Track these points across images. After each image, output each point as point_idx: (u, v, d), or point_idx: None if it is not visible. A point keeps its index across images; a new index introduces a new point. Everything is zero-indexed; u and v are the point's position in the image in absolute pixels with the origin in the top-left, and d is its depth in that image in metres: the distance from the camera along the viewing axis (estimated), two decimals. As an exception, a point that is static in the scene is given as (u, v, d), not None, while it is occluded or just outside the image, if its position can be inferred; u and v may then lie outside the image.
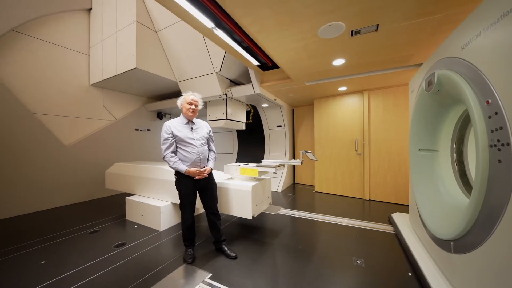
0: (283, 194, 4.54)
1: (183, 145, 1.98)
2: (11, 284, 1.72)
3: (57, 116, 3.93)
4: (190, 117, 2.06)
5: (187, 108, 2.02)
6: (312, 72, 3.03)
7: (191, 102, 2.04)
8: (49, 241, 2.47)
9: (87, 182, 4.27)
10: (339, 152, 4.40)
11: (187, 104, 2.03)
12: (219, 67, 3.62)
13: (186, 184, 1.99)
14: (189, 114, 2.04)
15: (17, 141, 3.45)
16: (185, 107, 2.03)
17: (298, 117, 5.58)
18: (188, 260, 2.00)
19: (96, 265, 1.98)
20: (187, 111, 2.03)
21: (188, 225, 2.04)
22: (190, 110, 2.03)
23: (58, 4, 3.91)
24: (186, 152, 1.98)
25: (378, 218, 3.07)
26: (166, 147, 1.94)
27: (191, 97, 2.06)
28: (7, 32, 3.37)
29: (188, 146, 1.98)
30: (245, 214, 2.25)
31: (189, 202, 2.03)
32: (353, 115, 4.21)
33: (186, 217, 2.04)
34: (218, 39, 2.47)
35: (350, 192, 4.26)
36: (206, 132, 2.16)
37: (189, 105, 2.03)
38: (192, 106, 2.03)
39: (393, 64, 2.73)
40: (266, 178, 2.61)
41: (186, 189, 2.00)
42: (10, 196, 3.35)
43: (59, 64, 3.97)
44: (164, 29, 3.79)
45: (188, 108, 2.02)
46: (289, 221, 3.02)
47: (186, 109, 2.03)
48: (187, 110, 2.03)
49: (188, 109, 2.02)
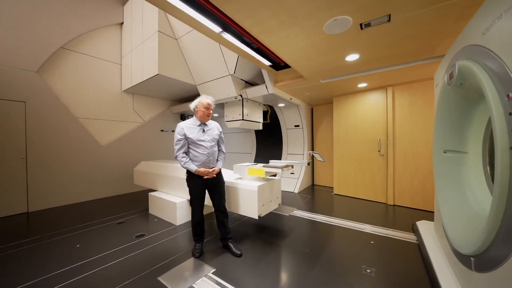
0: (300, 195, 4.44)
1: (194, 146, 2.07)
2: (55, 260, 2.04)
3: (94, 119, 4.47)
4: (205, 120, 2.14)
5: (203, 112, 2.10)
6: (325, 69, 2.92)
7: (208, 106, 2.11)
8: (84, 229, 2.84)
9: (119, 178, 4.77)
10: (360, 152, 4.13)
11: (204, 108, 2.10)
12: (234, 69, 3.71)
13: (196, 182, 2.08)
14: (206, 118, 2.13)
15: (63, 141, 4.03)
16: (201, 111, 2.10)
17: (317, 116, 5.40)
18: (196, 254, 2.11)
19: (117, 252, 2.21)
20: (204, 114, 2.11)
21: (197, 220, 2.15)
22: (207, 113, 2.11)
23: (96, 21, 4.45)
24: (196, 153, 2.07)
25: (402, 226, 2.81)
26: (179, 147, 2.04)
27: (207, 101, 2.11)
28: (57, 50, 3.96)
29: (198, 147, 2.07)
30: (252, 214, 2.28)
31: (198, 199, 2.12)
32: (376, 113, 3.91)
33: (195, 213, 2.15)
34: (228, 42, 2.55)
35: (373, 195, 3.97)
36: (217, 133, 2.23)
37: (206, 109, 2.11)
38: (209, 110, 2.12)
39: (416, 57, 2.47)
40: (275, 179, 2.60)
41: (196, 187, 2.09)
42: (56, 189, 3.93)
43: (97, 74, 4.51)
44: (183, 36, 4.04)
45: (204, 111, 2.10)
46: (301, 223, 2.95)
47: (202, 112, 2.10)
48: (204, 113, 2.10)
49: (204, 112, 2.10)
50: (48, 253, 2.20)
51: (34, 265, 1.98)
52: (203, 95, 2.19)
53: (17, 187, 3.51)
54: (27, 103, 3.61)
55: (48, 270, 1.89)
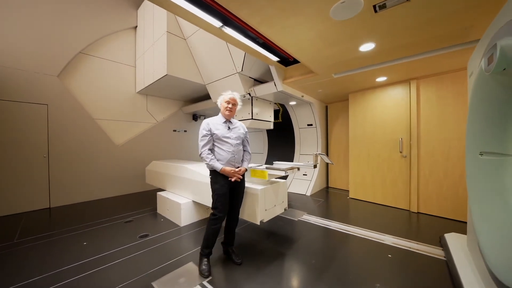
0: (312, 199, 4.19)
1: (219, 143, 1.95)
2: (58, 257, 2.09)
3: (110, 120, 4.66)
4: (227, 116, 2.01)
5: (224, 107, 2.00)
6: (337, 62, 2.66)
7: (228, 101, 2.00)
8: (95, 226, 2.93)
9: (133, 177, 4.92)
10: (378, 153, 3.77)
11: (225, 103, 2.00)
12: (241, 66, 3.60)
13: (222, 183, 1.90)
14: (226, 113, 2.00)
15: (81, 141, 4.24)
16: (223, 106, 2.01)
17: (332, 114, 5.08)
18: (205, 273, 1.79)
19: (119, 252, 2.21)
20: (224, 110, 2.00)
21: (217, 229, 1.90)
22: (227, 109, 1.99)
23: (112, 26, 4.63)
24: (221, 150, 1.94)
25: (427, 238, 2.46)
26: (204, 143, 1.91)
27: (229, 96, 2.02)
28: (76, 55, 4.18)
29: (224, 144, 1.95)
30: (253, 219, 2.14)
31: (225, 203, 1.91)
32: (397, 109, 3.53)
33: (218, 221, 1.89)
34: (231, 38, 2.43)
35: (393, 201, 3.59)
36: (243, 132, 2.11)
37: (227, 103, 1.99)
38: (229, 105, 1.99)
39: (444, 43, 2.13)
40: (280, 181, 2.42)
41: (222, 188, 1.90)
42: (75, 187, 4.14)
43: (112, 76, 4.69)
44: (191, 36, 4.01)
45: (225, 107, 1.99)
46: (310, 229, 2.74)
47: (223, 108, 2.01)
48: (224, 109, 2.00)
49: (225, 108, 1.99)
50: (54, 250, 2.26)
51: (34, 264, 2.04)
52: (229, 90, 2.09)
53: (40, 184, 3.75)
54: (49, 106, 3.85)
55: (46, 269, 1.92)
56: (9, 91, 3.46)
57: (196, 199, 2.90)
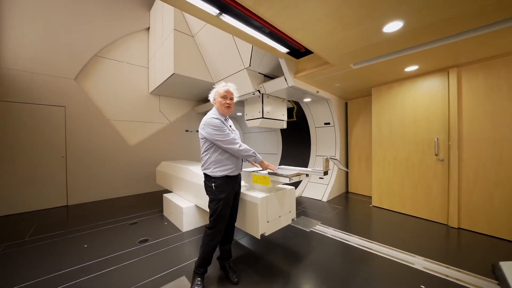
0: (329, 205, 3.78)
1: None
2: (56, 260, 2.05)
3: (124, 121, 4.74)
4: (225, 113, 1.69)
5: (221, 103, 1.65)
6: (356, 49, 2.27)
7: (225, 95, 1.66)
8: (99, 227, 2.91)
9: (145, 177, 4.96)
10: (408, 156, 3.24)
11: (221, 98, 1.66)
12: (249, 61, 3.35)
13: (228, 192, 1.63)
14: (225, 110, 1.66)
15: (97, 141, 4.35)
16: (219, 102, 1.66)
17: (352, 111, 4.58)
18: None
19: (116, 258, 2.11)
20: (222, 106, 1.65)
21: (215, 245, 1.66)
22: (226, 105, 1.65)
23: (125, 28, 4.70)
24: (231, 155, 1.64)
25: (473, 264, 1.96)
26: (234, 137, 1.61)
27: (224, 88, 1.68)
28: (92, 58, 4.31)
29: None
30: (253, 231, 1.87)
31: (227, 214, 1.67)
32: (432, 104, 2.98)
33: (217, 235, 1.64)
34: (230, 27, 2.19)
35: (426, 212, 3.05)
36: (239, 132, 1.91)
37: (223, 99, 1.66)
38: (227, 100, 1.66)
39: (499, 15, 1.63)
40: (287, 188, 2.12)
41: (228, 198, 1.64)
42: (90, 185, 4.25)
43: (126, 78, 4.77)
44: (199, 32, 3.87)
45: (222, 103, 1.65)
46: (323, 243, 2.39)
47: (220, 104, 1.65)
48: (222, 105, 1.65)
49: (223, 104, 1.65)
50: (54, 252, 2.24)
51: (32, 266, 2.00)
52: (222, 82, 1.78)
53: (58, 183, 3.92)
54: (66, 108, 4.00)
55: (40, 273, 1.87)
56: (30, 95, 3.65)
57: (199, 203, 2.72)
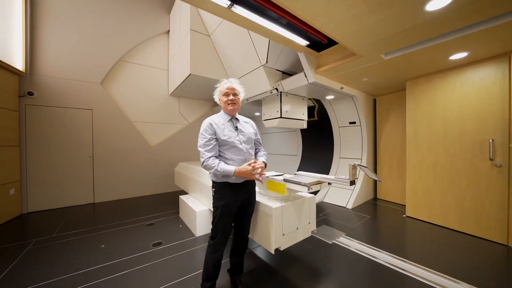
0: (354, 213, 3.42)
1: (227, 149, 1.53)
2: (73, 260, 2.09)
3: (146, 122, 4.88)
4: (231, 112, 1.59)
5: (224, 102, 1.59)
6: (389, 35, 1.93)
7: (227, 92, 1.57)
8: (119, 226, 2.98)
9: (165, 177, 5.06)
10: (452, 160, 2.75)
11: (224, 96, 1.59)
12: (265, 58, 3.16)
13: (230, 199, 1.50)
14: (229, 108, 1.58)
15: (121, 142, 4.54)
16: (222, 101, 1.60)
17: (381, 109, 4.12)
18: None
19: (128, 262, 2.08)
20: (225, 104, 1.59)
21: (218, 258, 1.53)
22: (229, 102, 1.57)
23: (147, 33, 4.84)
24: (230, 160, 1.52)
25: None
26: (208, 149, 1.46)
27: (226, 85, 1.59)
28: (116, 62, 4.50)
29: (233, 150, 1.53)
30: (266, 245, 1.68)
31: (228, 225, 1.54)
32: (485, 99, 2.47)
33: (219, 247, 1.52)
34: (244, 20, 2.03)
35: (477, 228, 2.54)
36: (253, 132, 1.68)
37: (226, 96, 1.58)
38: (229, 97, 1.57)
39: None
40: (305, 196, 1.88)
41: (229, 207, 1.51)
42: (115, 184, 4.44)
43: (148, 81, 4.91)
44: (215, 31, 3.79)
45: (225, 100, 1.57)
46: (348, 260, 2.09)
47: (224, 103, 1.60)
48: (225, 103, 1.58)
49: (225, 102, 1.58)
50: (74, 250, 2.30)
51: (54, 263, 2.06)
52: (224, 79, 1.66)
53: (86, 182, 4.15)
54: (93, 111, 4.23)
55: (60, 271, 1.91)
56: (61, 99, 3.91)
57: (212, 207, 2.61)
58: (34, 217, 3.42)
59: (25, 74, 3.59)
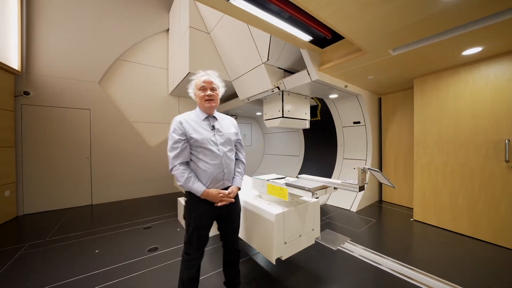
0: (359, 217, 3.29)
1: (200, 152, 1.32)
2: (67, 266, 1.99)
3: (145, 122, 4.79)
4: (208, 109, 1.38)
5: (200, 97, 1.37)
6: (399, 28, 1.80)
7: (203, 86, 1.36)
8: (114, 230, 2.87)
9: (164, 179, 4.96)
10: (463, 161, 2.61)
11: (200, 91, 1.37)
12: (266, 55, 3.04)
13: (202, 212, 1.33)
14: (205, 105, 1.37)
15: (119, 143, 4.45)
16: (198, 96, 1.38)
17: (387, 108, 3.98)
18: None
19: (120, 269, 1.98)
20: (201, 100, 1.37)
21: (192, 273, 1.32)
22: (206, 98, 1.36)
23: (146, 31, 4.74)
24: (204, 163, 1.32)
25: None
26: (176, 154, 1.28)
27: (203, 78, 1.37)
28: (114, 61, 4.41)
29: (207, 153, 1.32)
30: (267, 254, 1.56)
31: (202, 239, 1.34)
32: (499, 97, 2.33)
33: (192, 264, 1.32)
34: (243, 14, 1.92)
35: (491, 235, 2.40)
36: (233, 132, 1.48)
37: (202, 91, 1.36)
38: (206, 92, 1.35)
39: None
40: (309, 201, 1.76)
41: (201, 220, 1.32)
42: (113, 186, 4.35)
43: (147, 80, 4.81)
44: (215, 28, 3.68)
45: (201, 96, 1.36)
46: (354, 268, 1.97)
47: (200, 98, 1.38)
48: (201, 99, 1.37)
49: (202, 97, 1.36)
50: (68, 256, 2.20)
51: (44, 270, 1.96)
52: (200, 71, 1.43)
53: (83, 183, 4.07)
54: (91, 110, 4.14)
55: (52, 279, 1.81)
56: (58, 99, 3.83)
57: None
58: (29, 220, 3.34)
59: (21, 73, 3.51)
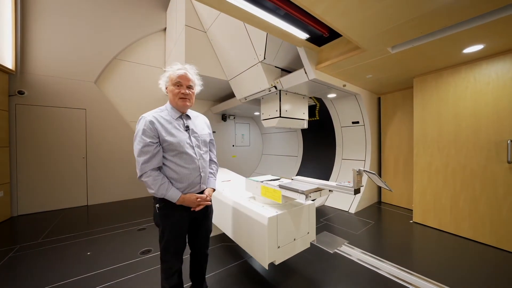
0: (358, 218, 3.23)
1: (176, 156, 1.19)
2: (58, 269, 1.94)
3: (142, 122, 4.74)
4: (181, 108, 1.24)
5: (174, 93, 1.21)
6: (398, 25, 1.74)
7: (179, 82, 1.20)
8: (107, 232, 2.82)
9: (162, 179, 4.91)
10: (464, 163, 2.54)
11: (174, 87, 1.21)
12: (263, 54, 2.98)
13: (177, 219, 1.22)
14: (179, 104, 1.22)
15: (116, 143, 4.40)
16: (171, 91, 1.22)
17: (386, 108, 3.92)
18: None
19: (109, 273, 1.92)
20: (175, 97, 1.21)
21: (175, 284, 1.28)
22: (181, 96, 1.21)
23: (142, 30, 4.70)
24: (180, 168, 1.19)
25: None
26: (147, 159, 1.13)
27: (178, 72, 1.21)
28: (111, 61, 4.37)
29: (184, 157, 1.20)
30: (260, 258, 1.50)
31: (179, 246, 1.27)
32: (502, 96, 2.27)
33: (174, 269, 1.26)
34: (238, 11, 1.86)
35: (494, 238, 2.33)
36: (208, 133, 1.39)
37: (177, 87, 1.20)
38: (181, 89, 1.21)
39: None
40: (304, 204, 1.71)
41: (177, 227, 1.23)
42: (110, 186, 4.31)
43: (144, 79, 4.77)
44: (211, 26, 3.62)
45: (175, 92, 1.20)
46: (351, 272, 1.91)
47: (173, 95, 1.21)
48: (175, 96, 1.21)
49: (176, 94, 1.20)
50: (58, 258, 2.15)
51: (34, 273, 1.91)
52: (177, 63, 1.29)
53: (79, 183, 4.03)
54: (87, 110, 4.10)
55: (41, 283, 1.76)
56: (54, 98, 3.79)
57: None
58: (23, 220, 3.30)
59: (15, 73, 3.47)
